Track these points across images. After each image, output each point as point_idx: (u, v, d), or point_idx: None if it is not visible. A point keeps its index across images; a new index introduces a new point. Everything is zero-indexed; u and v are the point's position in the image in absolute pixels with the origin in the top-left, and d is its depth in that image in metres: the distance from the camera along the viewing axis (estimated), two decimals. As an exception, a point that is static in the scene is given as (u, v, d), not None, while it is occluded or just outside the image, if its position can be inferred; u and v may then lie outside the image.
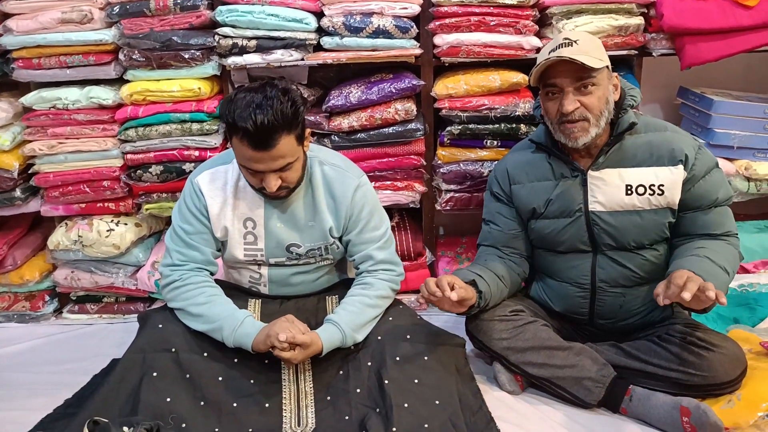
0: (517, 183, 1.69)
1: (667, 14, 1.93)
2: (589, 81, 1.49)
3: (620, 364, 1.59)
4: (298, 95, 1.45)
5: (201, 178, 1.59)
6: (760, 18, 1.92)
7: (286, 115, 1.38)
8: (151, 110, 2.06)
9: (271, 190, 1.46)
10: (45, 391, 1.74)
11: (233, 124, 1.38)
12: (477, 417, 1.50)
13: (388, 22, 1.98)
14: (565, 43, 1.50)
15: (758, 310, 1.87)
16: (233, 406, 1.46)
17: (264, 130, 1.36)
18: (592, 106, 1.51)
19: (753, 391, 1.48)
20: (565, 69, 1.49)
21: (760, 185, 2.11)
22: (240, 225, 1.60)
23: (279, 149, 1.40)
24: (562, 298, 1.70)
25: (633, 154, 1.57)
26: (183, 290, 1.54)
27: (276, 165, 1.43)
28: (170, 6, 2.00)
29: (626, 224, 1.58)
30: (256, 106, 1.37)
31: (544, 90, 1.56)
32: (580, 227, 1.61)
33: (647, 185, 1.55)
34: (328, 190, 1.60)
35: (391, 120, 2.05)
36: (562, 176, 1.62)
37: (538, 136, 1.69)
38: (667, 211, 1.57)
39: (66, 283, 2.24)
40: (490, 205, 1.77)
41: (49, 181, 2.15)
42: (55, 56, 2.05)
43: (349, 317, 1.54)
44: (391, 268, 1.65)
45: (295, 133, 1.43)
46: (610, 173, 1.57)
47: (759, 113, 2.09)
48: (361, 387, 1.49)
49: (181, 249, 1.58)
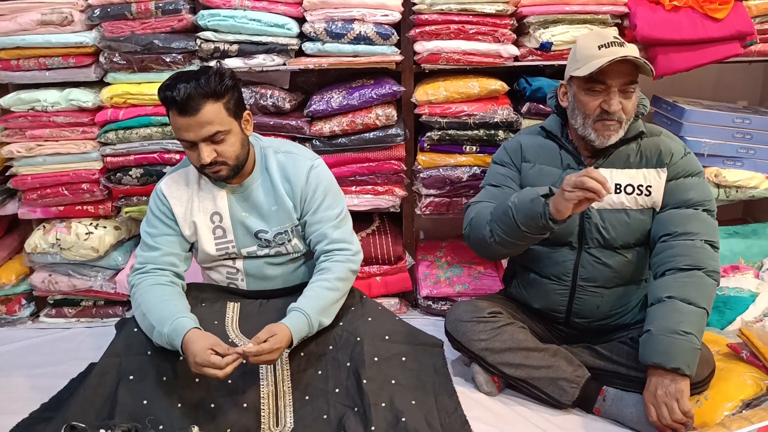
0: (528, 161, 1.71)
1: (639, 25, 1.99)
2: (633, 85, 1.54)
3: (594, 365, 1.63)
4: (228, 73, 1.52)
5: (163, 183, 1.66)
6: (729, 30, 1.98)
7: (209, 83, 1.47)
8: (132, 113, 2.06)
9: (205, 161, 1.50)
10: (21, 395, 1.73)
11: (162, 96, 1.48)
12: (452, 418, 1.52)
13: (369, 29, 2.00)
14: (616, 42, 1.52)
15: (727, 313, 1.92)
16: (211, 406, 1.46)
17: (187, 95, 1.45)
18: (628, 109, 1.55)
19: (720, 391, 1.53)
20: (620, 69, 1.50)
21: (730, 191, 2.17)
22: (207, 220, 1.64)
23: (204, 114, 1.47)
24: (542, 295, 1.73)
25: (626, 156, 1.63)
26: (137, 295, 1.56)
27: (204, 132, 1.48)
28: (152, 9, 2.00)
29: (615, 222, 1.63)
30: (184, 79, 1.48)
31: (587, 85, 1.55)
32: (574, 219, 1.61)
33: (635, 185, 1.61)
34: (284, 175, 1.65)
35: (372, 125, 2.07)
36: (569, 167, 1.66)
37: (551, 125, 1.71)
38: (651, 212, 1.63)
39: (43, 287, 2.22)
40: (499, 170, 1.74)
41: (26, 184, 2.13)
42: (35, 58, 2.04)
43: (310, 302, 1.55)
44: (346, 247, 1.65)
45: (222, 102, 1.50)
46: (605, 173, 1.62)
47: (728, 122, 2.16)
48: (339, 386, 1.50)
49: (143, 253, 1.63)
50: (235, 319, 1.62)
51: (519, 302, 1.80)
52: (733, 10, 1.99)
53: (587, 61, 1.53)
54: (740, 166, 2.17)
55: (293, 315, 1.52)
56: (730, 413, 1.47)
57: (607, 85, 1.53)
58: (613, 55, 1.48)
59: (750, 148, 2.16)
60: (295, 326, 1.49)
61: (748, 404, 1.51)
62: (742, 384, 1.54)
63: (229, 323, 1.61)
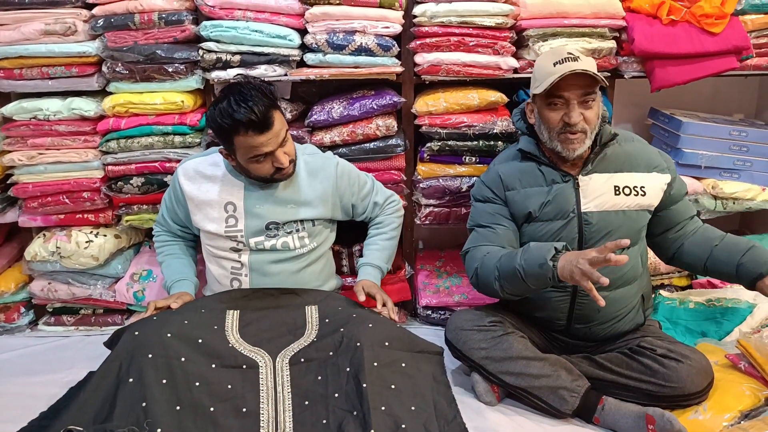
0: (511, 189, 1.74)
1: (637, 39, 2.01)
2: (592, 95, 1.61)
3: (593, 375, 1.63)
4: (260, 81, 1.67)
5: (181, 168, 1.82)
6: (725, 44, 2.01)
7: (269, 96, 1.61)
8: (134, 122, 2.07)
9: (286, 164, 1.67)
10: (20, 403, 1.72)
11: (235, 124, 1.57)
12: (451, 426, 1.51)
13: (370, 41, 2.02)
14: (570, 58, 1.58)
15: (725, 324, 1.93)
16: (210, 410, 1.46)
17: (263, 114, 1.57)
18: (591, 119, 1.62)
19: (718, 402, 1.53)
20: (575, 82, 1.58)
21: (726, 203, 2.19)
22: (221, 210, 1.77)
23: (277, 125, 1.62)
24: (543, 304, 1.74)
25: (615, 161, 1.70)
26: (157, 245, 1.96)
27: (279, 140, 1.64)
28: (155, 20, 2.02)
29: (614, 224, 1.67)
30: (245, 100, 1.57)
31: (547, 100, 1.62)
32: (573, 228, 1.67)
33: (632, 186, 1.68)
34: (313, 175, 1.80)
35: (372, 135, 2.08)
36: (554, 182, 1.70)
37: (527, 146, 1.75)
38: (645, 213, 1.70)
39: (42, 295, 2.22)
40: (485, 209, 1.76)
41: (27, 192, 2.14)
42: (38, 67, 2.05)
43: (379, 254, 1.91)
44: (392, 200, 1.98)
45: (279, 108, 1.66)
46: (599, 177, 1.69)
47: (725, 134, 2.18)
48: (339, 392, 1.50)
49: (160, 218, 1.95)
50: (235, 325, 1.63)
51: (518, 312, 1.81)
52: (729, 24, 2.01)
53: (544, 78, 1.60)
54: (737, 178, 2.19)
55: (371, 271, 1.86)
56: (728, 424, 1.48)
57: (565, 99, 1.60)
58: (565, 70, 1.55)
59: (747, 161, 2.18)
60: (376, 278, 1.85)
61: (747, 415, 1.52)
62: (741, 395, 1.54)
63: (228, 328, 1.62)
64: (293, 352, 1.60)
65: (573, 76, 1.56)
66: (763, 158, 2.18)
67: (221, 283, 1.82)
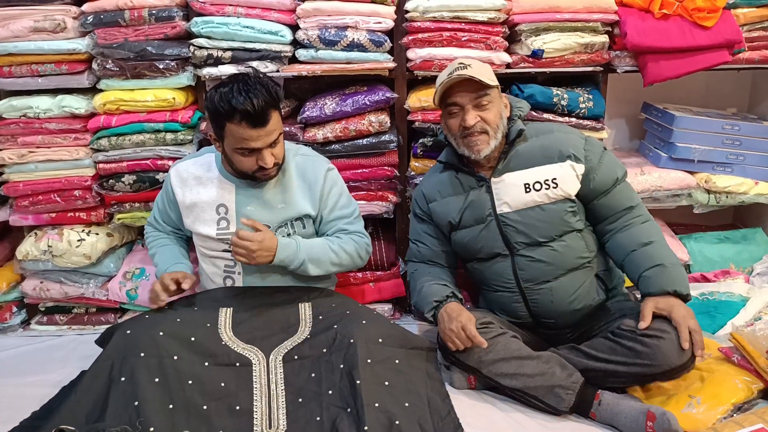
0: (433, 201, 1.84)
1: (630, 33, 2.01)
2: (484, 98, 1.68)
3: (581, 366, 1.63)
4: (268, 79, 1.63)
5: (174, 170, 1.80)
6: (717, 38, 2.01)
7: (272, 94, 1.59)
8: (125, 120, 2.05)
9: (270, 165, 1.63)
10: (11, 403, 1.71)
11: (231, 110, 1.54)
12: (445, 422, 1.52)
13: (362, 36, 2.02)
14: (460, 67, 1.67)
15: (718, 317, 1.93)
16: (203, 409, 1.45)
17: (261, 108, 1.55)
18: (490, 120, 1.69)
19: (712, 395, 1.53)
20: (464, 89, 1.68)
21: (720, 197, 2.19)
22: (213, 212, 1.75)
23: (272, 124, 1.60)
24: (502, 306, 1.79)
25: (527, 157, 1.73)
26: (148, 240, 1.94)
27: (269, 139, 1.61)
28: (145, 17, 2.00)
29: (532, 220, 1.70)
30: (248, 91, 1.55)
31: (446, 109, 1.73)
32: (493, 230, 1.73)
33: (542, 181, 1.70)
34: (302, 176, 1.78)
35: (365, 132, 2.08)
36: (470, 188, 1.78)
37: (445, 156, 1.85)
38: (565, 202, 1.71)
39: (34, 294, 2.21)
40: (415, 226, 1.92)
41: (18, 191, 2.12)
42: (27, 65, 2.04)
43: (309, 244, 1.72)
44: (362, 236, 1.82)
45: (279, 109, 1.64)
46: (509, 176, 1.73)
47: (717, 128, 2.19)
48: (332, 389, 1.51)
49: (151, 220, 1.94)
50: (228, 323, 1.63)
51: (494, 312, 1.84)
52: (721, 18, 2.01)
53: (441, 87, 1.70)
54: (730, 172, 2.20)
55: (287, 239, 1.69)
56: (721, 417, 1.48)
57: (459, 105, 1.69)
58: (451, 79, 1.65)
59: (739, 155, 2.19)
60: (284, 244, 1.67)
61: (740, 408, 1.52)
62: (734, 388, 1.55)
63: (222, 326, 1.62)
64: (287, 349, 1.59)
65: (463, 83, 1.66)
66: (755, 152, 2.19)
67: (214, 282, 1.81)
